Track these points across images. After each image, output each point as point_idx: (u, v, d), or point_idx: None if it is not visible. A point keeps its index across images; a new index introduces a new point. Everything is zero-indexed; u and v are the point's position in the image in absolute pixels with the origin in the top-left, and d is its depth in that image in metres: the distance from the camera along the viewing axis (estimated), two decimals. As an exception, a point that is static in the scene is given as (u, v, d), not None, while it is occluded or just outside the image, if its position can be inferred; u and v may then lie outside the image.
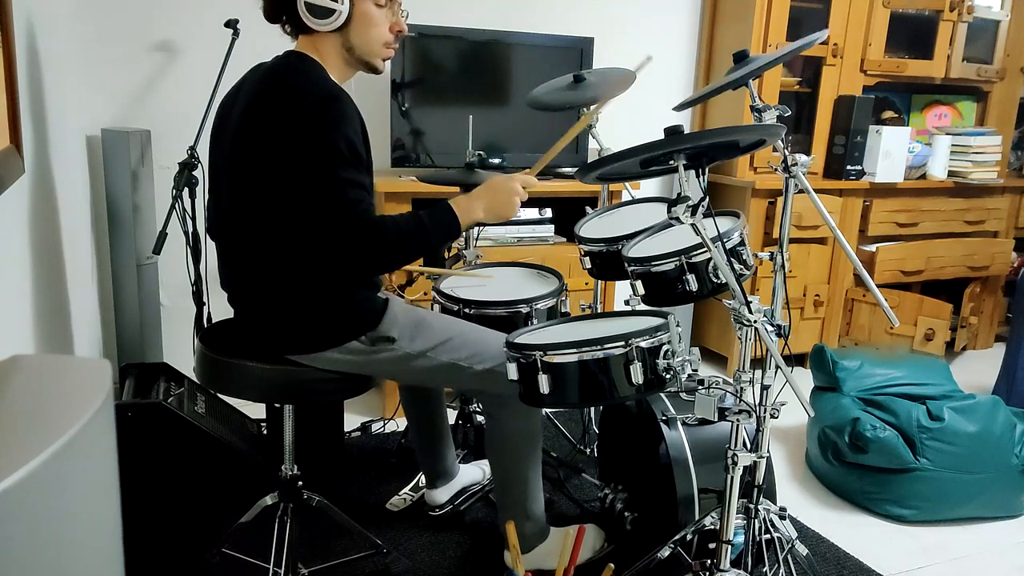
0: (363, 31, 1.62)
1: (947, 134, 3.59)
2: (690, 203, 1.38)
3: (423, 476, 2.28)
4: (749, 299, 1.46)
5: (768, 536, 1.75)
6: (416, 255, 1.59)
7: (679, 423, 1.88)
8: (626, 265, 1.71)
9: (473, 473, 2.31)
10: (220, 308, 2.78)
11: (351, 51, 1.63)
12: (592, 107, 1.86)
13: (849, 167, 3.40)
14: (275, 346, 1.64)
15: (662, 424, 1.87)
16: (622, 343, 1.46)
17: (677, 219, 1.38)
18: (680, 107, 1.82)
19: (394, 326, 1.67)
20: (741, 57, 1.71)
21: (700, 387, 1.55)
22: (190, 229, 2.43)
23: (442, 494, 2.20)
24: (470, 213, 1.64)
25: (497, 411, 1.82)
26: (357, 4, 1.59)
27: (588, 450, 2.60)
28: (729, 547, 1.65)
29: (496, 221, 1.71)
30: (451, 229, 1.61)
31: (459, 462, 2.30)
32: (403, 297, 2.15)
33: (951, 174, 3.62)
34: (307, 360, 1.64)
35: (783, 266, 1.70)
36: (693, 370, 1.52)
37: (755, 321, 1.46)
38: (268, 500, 1.85)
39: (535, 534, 1.92)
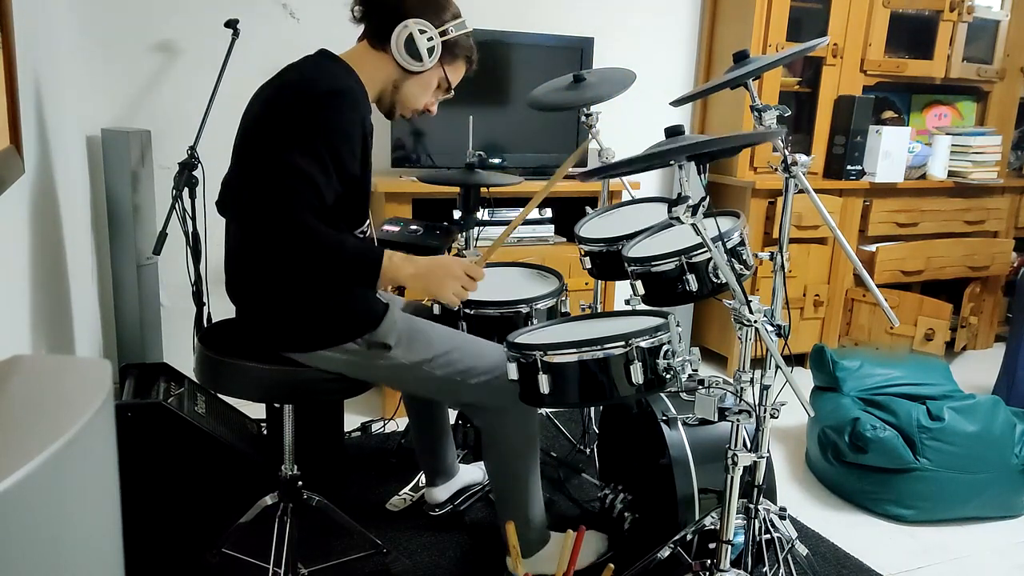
0: (416, 89, 1.72)
1: (947, 134, 3.59)
2: (690, 203, 1.38)
3: (423, 474, 2.28)
4: (749, 299, 1.46)
5: (768, 536, 1.75)
6: (324, 270, 1.54)
7: (679, 423, 1.88)
8: (626, 265, 1.71)
9: (473, 474, 2.31)
10: (220, 308, 2.78)
11: (395, 91, 1.71)
12: (561, 168, 1.87)
13: (849, 167, 3.40)
14: (272, 342, 1.64)
15: (662, 424, 1.87)
16: (622, 343, 1.46)
17: (677, 219, 1.38)
18: (677, 102, 1.82)
19: (391, 333, 1.67)
20: (741, 57, 1.71)
21: (700, 387, 1.55)
22: (190, 229, 2.43)
23: (442, 492, 2.20)
24: (397, 271, 1.58)
25: (492, 423, 1.81)
26: (433, 70, 1.69)
27: (588, 450, 2.60)
28: (729, 547, 1.65)
29: (422, 294, 1.70)
30: (369, 272, 1.54)
31: (459, 462, 2.30)
32: (402, 296, 2.15)
33: (951, 174, 3.62)
34: (304, 359, 1.64)
35: (783, 266, 1.70)
36: (693, 370, 1.52)
37: (755, 321, 1.46)
38: (268, 500, 1.85)
39: (536, 540, 1.91)
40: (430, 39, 1.65)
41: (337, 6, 2.87)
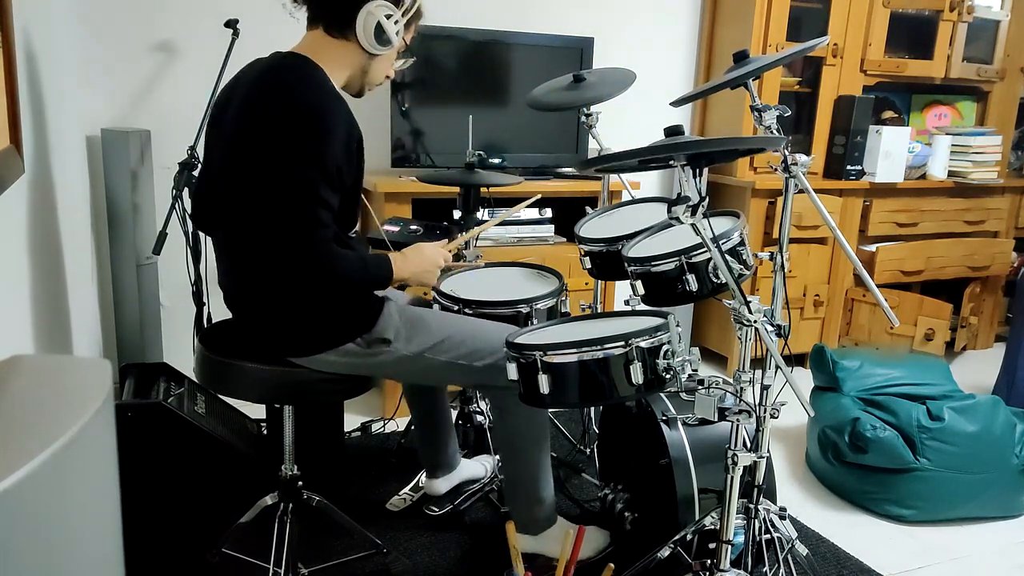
0: (382, 64, 1.70)
1: (947, 134, 3.59)
2: (690, 203, 1.38)
3: (423, 468, 2.28)
4: (749, 299, 1.46)
5: (768, 536, 1.75)
6: (352, 290, 1.62)
7: (679, 423, 1.88)
8: (626, 265, 1.71)
9: (474, 468, 2.31)
10: (220, 308, 2.78)
11: (364, 74, 1.68)
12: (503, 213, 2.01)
13: (849, 167, 3.40)
14: (272, 348, 1.65)
15: (662, 424, 1.87)
16: (622, 343, 1.46)
17: (677, 219, 1.38)
18: (677, 103, 1.82)
19: (389, 328, 1.67)
20: (741, 57, 1.71)
21: (700, 387, 1.55)
22: (190, 229, 2.43)
23: (442, 484, 2.21)
24: (400, 272, 1.66)
25: (503, 403, 1.82)
26: (395, 44, 1.65)
27: (588, 450, 2.60)
28: (729, 547, 1.65)
29: (416, 286, 1.75)
30: (384, 282, 1.64)
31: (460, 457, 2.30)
32: (403, 290, 2.15)
33: (951, 174, 3.62)
34: (305, 362, 1.65)
35: (783, 266, 1.70)
36: (693, 370, 1.52)
37: (755, 321, 1.46)
38: (268, 500, 1.85)
39: (545, 518, 1.93)
40: (396, 21, 1.60)
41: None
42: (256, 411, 2.41)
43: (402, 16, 1.61)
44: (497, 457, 2.33)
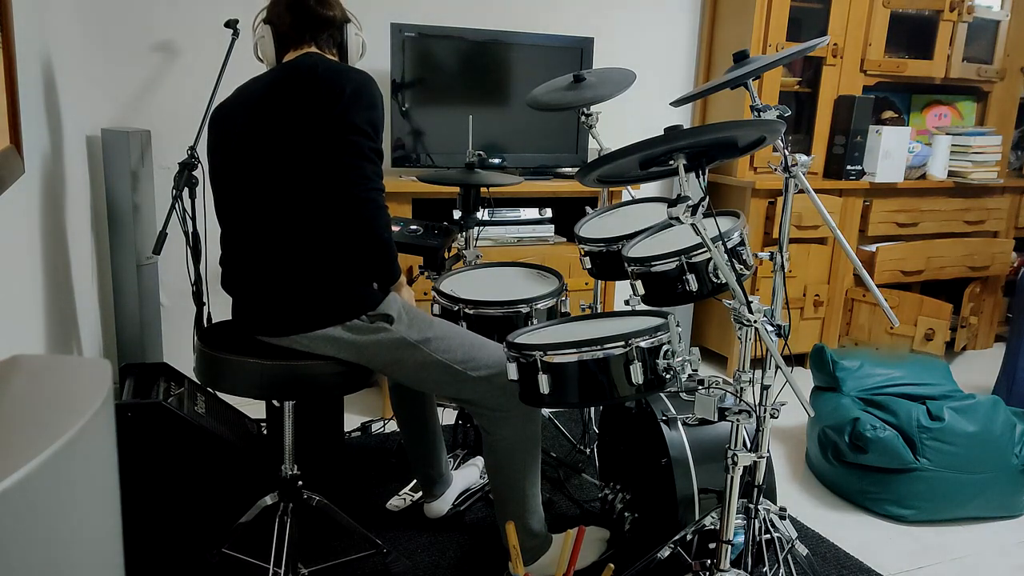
0: None
1: (947, 134, 3.59)
2: (690, 203, 1.38)
3: (421, 490, 2.25)
4: (749, 299, 1.46)
5: (768, 536, 1.75)
6: (389, 252, 1.70)
7: (679, 423, 1.88)
8: (626, 265, 1.71)
9: (469, 475, 2.30)
10: (220, 308, 2.78)
11: None
12: None
13: (849, 167, 3.40)
14: (280, 323, 1.65)
15: (662, 424, 1.87)
16: (622, 343, 1.46)
17: (677, 219, 1.38)
18: (677, 103, 1.82)
19: (392, 308, 1.71)
20: (741, 57, 1.71)
21: (700, 387, 1.55)
22: (190, 229, 2.43)
23: (442, 505, 2.18)
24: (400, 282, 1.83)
25: (492, 426, 1.80)
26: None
27: (588, 450, 2.60)
28: (729, 547, 1.65)
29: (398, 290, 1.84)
30: (396, 262, 1.73)
31: (459, 461, 2.29)
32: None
33: (951, 174, 3.62)
34: (308, 340, 1.65)
35: (783, 266, 1.70)
36: (693, 370, 1.52)
37: (755, 321, 1.46)
38: (268, 500, 1.85)
39: (536, 547, 1.91)
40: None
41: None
42: (256, 411, 2.42)
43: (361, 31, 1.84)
44: None
